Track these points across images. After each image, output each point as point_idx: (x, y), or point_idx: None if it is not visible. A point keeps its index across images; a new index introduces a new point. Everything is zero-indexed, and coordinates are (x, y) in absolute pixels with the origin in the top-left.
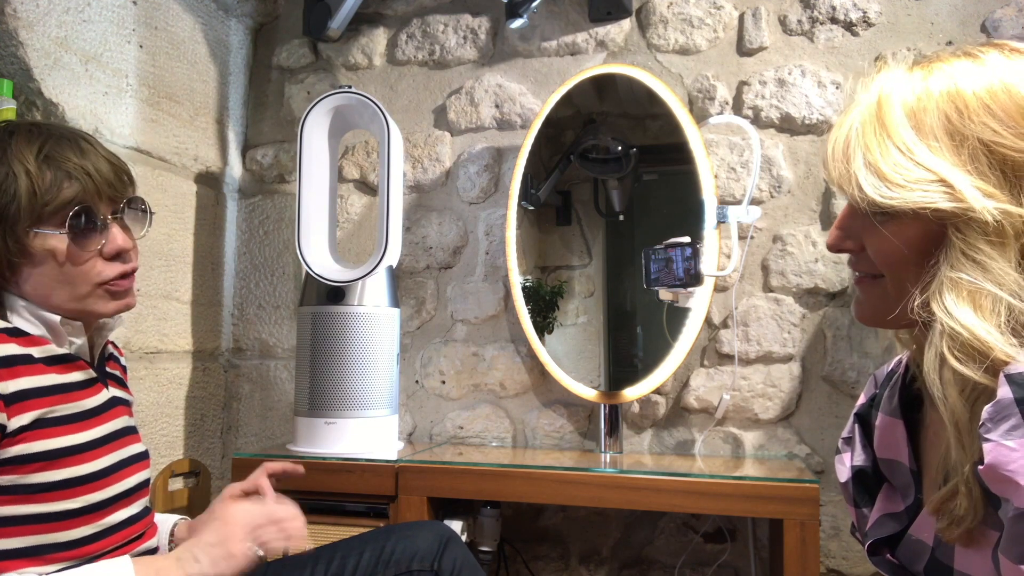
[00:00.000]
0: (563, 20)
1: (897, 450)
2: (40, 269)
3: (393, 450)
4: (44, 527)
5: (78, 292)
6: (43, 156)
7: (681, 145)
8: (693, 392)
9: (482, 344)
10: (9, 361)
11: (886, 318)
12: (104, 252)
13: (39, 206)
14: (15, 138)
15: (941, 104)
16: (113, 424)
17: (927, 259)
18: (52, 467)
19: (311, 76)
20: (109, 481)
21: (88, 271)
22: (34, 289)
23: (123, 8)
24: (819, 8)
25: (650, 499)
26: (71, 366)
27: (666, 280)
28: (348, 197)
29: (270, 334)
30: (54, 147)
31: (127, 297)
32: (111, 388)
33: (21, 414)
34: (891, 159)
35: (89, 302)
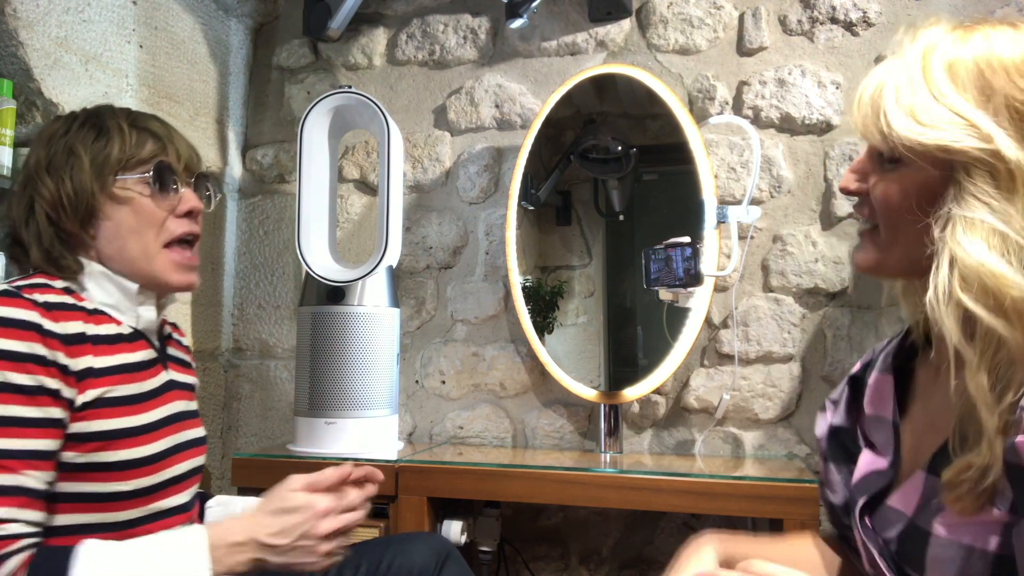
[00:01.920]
0: (563, 20)
1: (884, 404)
2: (118, 218)
3: (393, 450)
4: (96, 506)
5: (149, 250)
6: (132, 120)
7: (681, 145)
8: (693, 392)
9: (482, 344)
10: (77, 339)
11: (883, 266)
12: (177, 210)
13: (126, 157)
14: (110, 108)
15: (977, 60)
16: (168, 408)
17: (926, 209)
18: (108, 448)
19: (311, 76)
20: (161, 466)
21: (160, 225)
22: (109, 243)
23: (123, 8)
24: (819, 8)
25: (650, 499)
26: (135, 345)
27: (666, 280)
28: (348, 197)
29: (270, 334)
30: (141, 117)
31: (191, 274)
32: (170, 371)
33: (87, 391)
34: (924, 101)
35: (157, 265)
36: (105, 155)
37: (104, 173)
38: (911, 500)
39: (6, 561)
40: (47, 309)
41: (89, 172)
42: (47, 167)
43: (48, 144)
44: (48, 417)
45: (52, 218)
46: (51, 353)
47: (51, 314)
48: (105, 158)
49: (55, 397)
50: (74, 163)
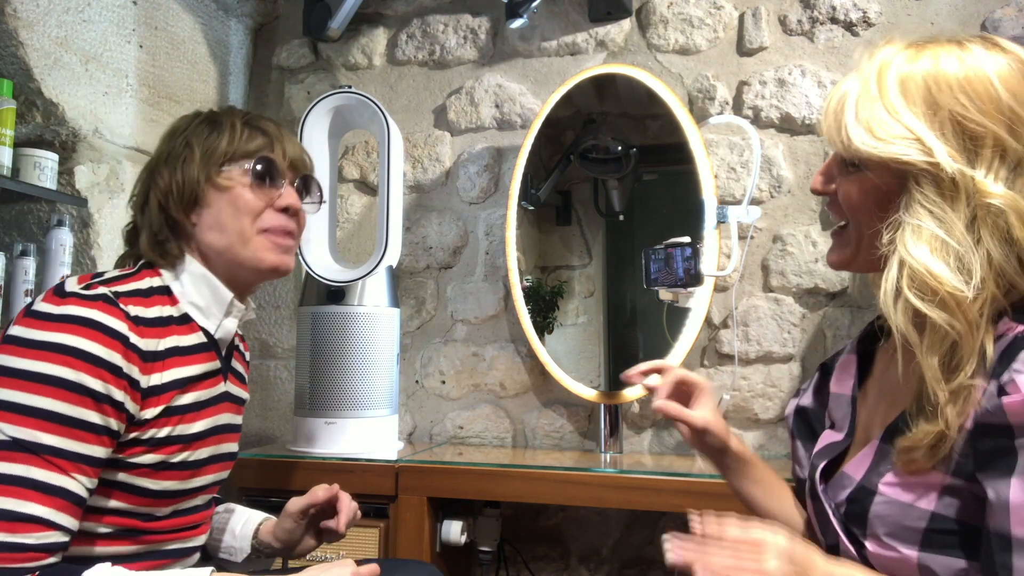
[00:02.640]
0: (563, 20)
1: (846, 383)
2: (218, 205)
3: (393, 450)
4: (126, 497)
5: (245, 233)
6: (246, 119)
7: (681, 145)
8: None
9: (482, 344)
10: (155, 356)
11: (851, 262)
12: (276, 204)
13: (233, 149)
14: (231, 108)
15: (926, 77)
16: (216, 419)
17: (884, 209)
18: (154, 451)
19: (311, 76)
20: (194, 474)
21: (256, 214)
22: (209, 229)
23: (123, 8)
24: (819, 8)
25: (650, 499)
26: (204, 356)
27: (666, 280)
28: (348, 197)
29: (270, 334)
30: (258, 118)
31: (287, 255)
32: (229, 383)
33: (152, 406)
34: (878, 116)
35: (252, 246)
36: (214, 147)
37: (211, 163)
38: (862, 466)
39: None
40: (136, 323)
41: (198, 162)
42: (166, 159)
43: (170, 139)
44: (107, 426)
45: (163, 204)
46: (127, 366)
47: (139, 329)
48: (213, 149)
49: (117, 409)
50: (187, 155)
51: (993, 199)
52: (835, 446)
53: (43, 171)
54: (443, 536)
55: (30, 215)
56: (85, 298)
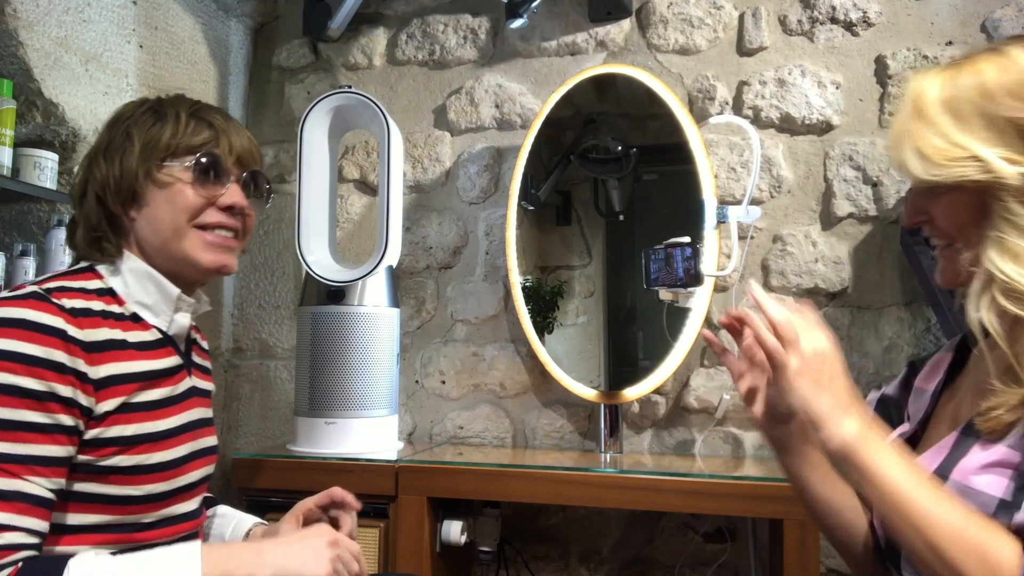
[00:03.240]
0: (563, 20)
1: (933, 378)
2: (157, 202)
3: (393, 450)
4: (107, 508)
5: (180, 229)
6: (193, 111)
7: (681, 145)
8: (693, 392)
9: (482, 344)
10: (101, 346)
11: (960, 279)
12: (219, 202)
13: (175, 143)
14: (175, 97)
15: (973, 93)
16: (188, 415)
17: (983, 222)
18: (127, 452)
19: (311, 76)
20: (176, 472)
21: (196, 212)
22: (147, 225)
23: (123, 8)
24: (819, 8)
25: (650, 499)
26: (162, 352)
27: (666, 280)
28: (348, 197)
29: (270, 334)
30: (206, 109)
31: (223, 254)
32: (194, 377)
33: (108, 399)
34: (931, 143)
35: (187, 243)
36: (155, 140)
37: (151, 157)
38: (938, 457)
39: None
40: (73, 315)
41: (138, 156)
42: (105, 150)
43: (112, 128)
44: (57, 423)
45: (100, 198)
46: (71, 360)
47: (77, 320)
48: (155, 143)
49: (67, 404)
50: (127, 146)
51: None
52: (902, 435)
53: (43, 171)
54: (443, 536)
55: (30, 215)
56: (14, 299)
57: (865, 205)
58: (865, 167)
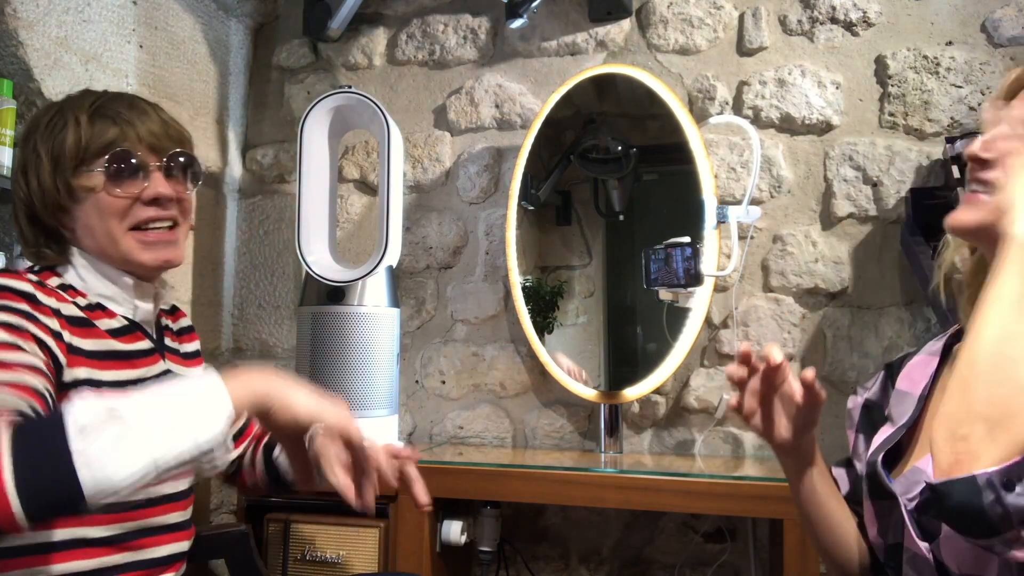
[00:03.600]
0: (563, 20)
1: (917, 382)
2: (84, 211)
3: None
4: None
5: (114, 235)
6: (94, 108)
7: (681, 145)
8: (693, 392)
9: (482, 344)
10: (72, 320)
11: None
12: (143, 196)
13: (81, 149)
14: (76, 97)
15: None
16: None
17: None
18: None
19: (311, 76)
20: None
21: (123, 213)
22: (83, 236)
23: (123, 8)
24: (819, 8)
25: (650, 499)
26: (129, 337)
27: (666, 280)
28: (348, 197)
29: (270, 334)
30: (108, 102)
31: (164, 250)
32: (168, 361)
33: (78, 367)
34: None
35: (124, 247)
36: (60, 151)
37: (62, 170)
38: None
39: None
40: (41, 286)
41: (49, 171)
42: (23, 168)
43: (24, 144)
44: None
45: (30, 217)
46: (43, 316)
47: (45, 290)
48: (60, 154)
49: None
50: (38, 163)
51: None
52: (889, 438)
53: None
54: (443, 536)
55: None
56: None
57: (865, 205)
58: (865, 167)
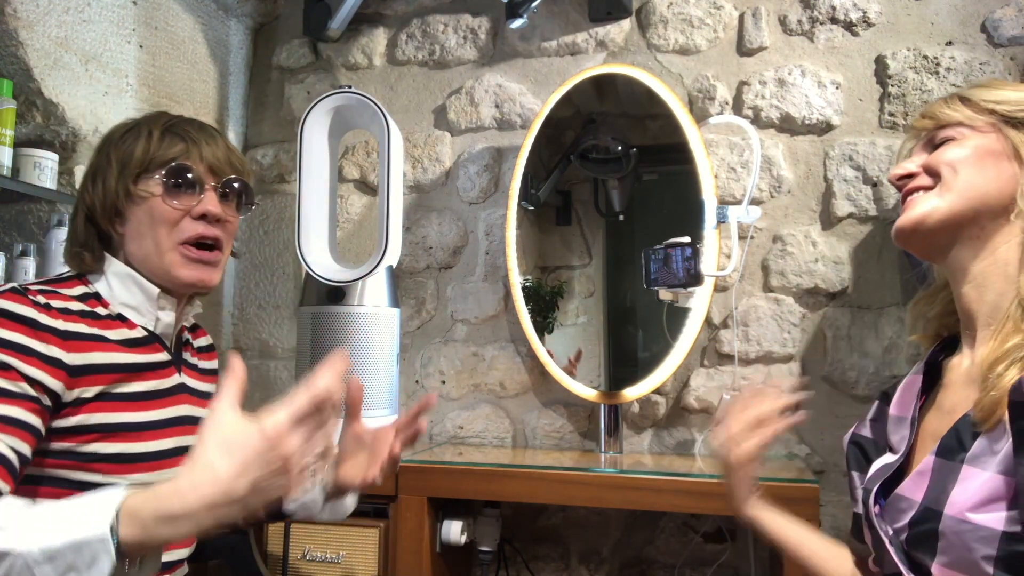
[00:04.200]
0: (563, 20)
1: (907, 404)
2: (137, 216)
3: None
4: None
5: (161, 244)
6: (167, 125)
7: (681, 145)
8: (693, 392)
9: (482, 344)
10: (81, 336)
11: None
12: (193, 211)
13: (147, 159)
14: (152, 115)
15: None
16: (175, 410)
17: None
18: (107, 439)
19: (311, 76)
20: (160, 465)
21: (173, 224)
22: (132, 240)
23: (123, 8)
24: (819, 8)
25: (650, 499)
26: (147, 348)
27: (666, 280)
28: (348, 197)
29: (270, 334)
30: (180, 123)
31: (202, 270)
32: (184, 375)
33: (86, 386)
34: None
35: (168, 259)
36: (129, 158)
37: (127, 175)
38: (920, 485)
39: None
40: (47, 308)
41: (116, 175)
42: (93, 173)
43: (98, 152)
44: (22, 392)
45: (89, 218)
46: (42, 346)
47: (51, 312)
48: (128, 160)
49: (31, 381)
50: (107, 168)
51: None
52: (887, 468)
53: (43, 171)
54: (443, 536)
55: (30, 215)
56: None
57: (865, 205)
58: (865, 167)
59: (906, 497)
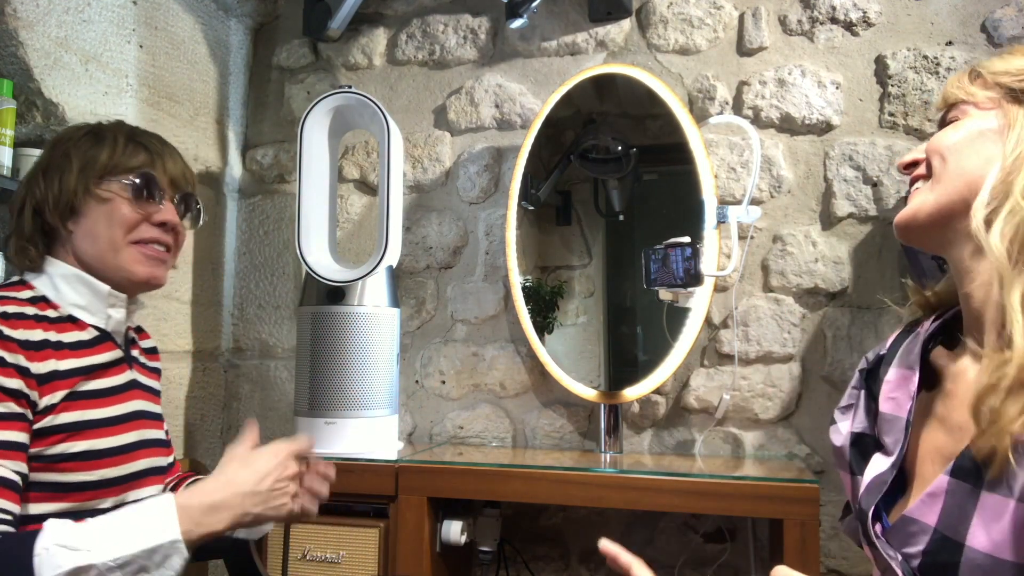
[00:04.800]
0: (563, 20)
1: (901, 404)
2: (95, 216)
3: (393, 450)
4: (66, 496)
5: (117, 243)
6: (130, 134)
7: (681, 145)
8: (693, 392)
9: (482, 344)
10: (38, 345)
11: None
12: (154, 218)
13: (113, 163)
14: (112, 123)
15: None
16: (130, 405)
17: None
18: (74, 438)
19: (311, 76)
20: (125, 459)
21: (132, 227)
22: (84, 237)
23: (123, 8)
24: (819, 8)
25: (650, 499)
26: (99, 348)
27: (666, 280)
28: (348, 197)
29: (270, 334)
30: (143, 134)
31: (156, 267)
32: (135, 371)
33: (52, 392)
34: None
35: (123, 257)
36: (93, 159)
37: (89, 175)
38: (933, 508)
39: None
40: (5, 318)
41: (76, 173)
42: (45, 168)
43: (52, 148)
44: (11, 411)
45: (38, 211)
46: (11, 356)
47: (10, 322)
48: (93, 162)
49: (15, 396)
50: (65, 166)
51: None
52: (882, 482)
53: None
54: (443, 536)
55: None
56: None
57: (865, 205)
58: (865, 167)
59: (917, 520)
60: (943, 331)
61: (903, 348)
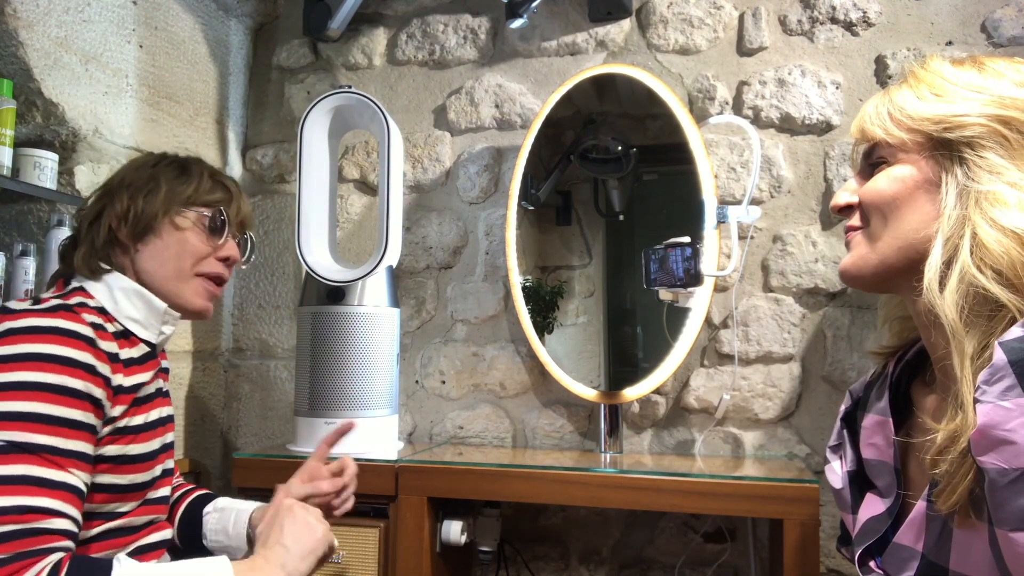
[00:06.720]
0: (563, 20)
1: (883, 450)
2: (167, 242)
3: (393, 450)
4: (94, 496)
5: (183, 271)
6: (212, 172)
7: (681, 145)
8: (693, 392)
9: (482, 344)
10: (114, 358)
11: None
12: (218, 253)
13: (195, 195)
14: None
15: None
16: (160, 411)
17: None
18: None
19: (311, 76)
20: (150, 465)
21: (199, 258)
22: (151, 258)
23: (123, 8)
24: (819, 8)
25: (650, 499)
26: (148, 365)
27: (666, 280)
28: (348, 197)
29: (270, 334)
30: (221, 174)
31: (210, 302)
32: (159, 379)
33: (118, 405)
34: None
35: (185, 286)
36: (181, 189)
37: (174, 203)
38: (918, 534)
39: (49, 555)
40: (96, 329)
41: (162, 198)
42: (127, 186)
43: (136, 170)
44: (90, 423)
45: (112, 227)
46: (100, 365)
47: (100, 334)
48: (180, 191)
49: (97, 406)
50: (152, 188)
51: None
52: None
53: (43, 171)
54: (443, 536)
55: (30, 215)
56: (45, 311)
57: None
58: None
59: (906, 546)
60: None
61: (874, 393)
